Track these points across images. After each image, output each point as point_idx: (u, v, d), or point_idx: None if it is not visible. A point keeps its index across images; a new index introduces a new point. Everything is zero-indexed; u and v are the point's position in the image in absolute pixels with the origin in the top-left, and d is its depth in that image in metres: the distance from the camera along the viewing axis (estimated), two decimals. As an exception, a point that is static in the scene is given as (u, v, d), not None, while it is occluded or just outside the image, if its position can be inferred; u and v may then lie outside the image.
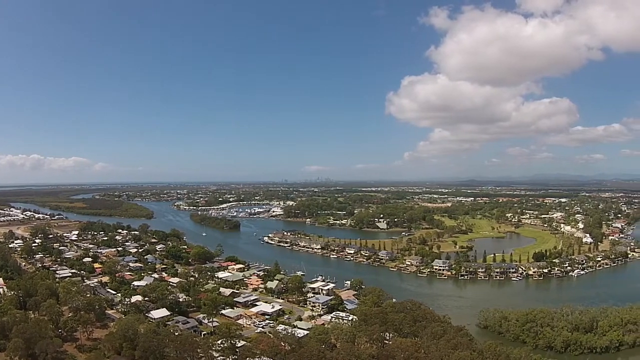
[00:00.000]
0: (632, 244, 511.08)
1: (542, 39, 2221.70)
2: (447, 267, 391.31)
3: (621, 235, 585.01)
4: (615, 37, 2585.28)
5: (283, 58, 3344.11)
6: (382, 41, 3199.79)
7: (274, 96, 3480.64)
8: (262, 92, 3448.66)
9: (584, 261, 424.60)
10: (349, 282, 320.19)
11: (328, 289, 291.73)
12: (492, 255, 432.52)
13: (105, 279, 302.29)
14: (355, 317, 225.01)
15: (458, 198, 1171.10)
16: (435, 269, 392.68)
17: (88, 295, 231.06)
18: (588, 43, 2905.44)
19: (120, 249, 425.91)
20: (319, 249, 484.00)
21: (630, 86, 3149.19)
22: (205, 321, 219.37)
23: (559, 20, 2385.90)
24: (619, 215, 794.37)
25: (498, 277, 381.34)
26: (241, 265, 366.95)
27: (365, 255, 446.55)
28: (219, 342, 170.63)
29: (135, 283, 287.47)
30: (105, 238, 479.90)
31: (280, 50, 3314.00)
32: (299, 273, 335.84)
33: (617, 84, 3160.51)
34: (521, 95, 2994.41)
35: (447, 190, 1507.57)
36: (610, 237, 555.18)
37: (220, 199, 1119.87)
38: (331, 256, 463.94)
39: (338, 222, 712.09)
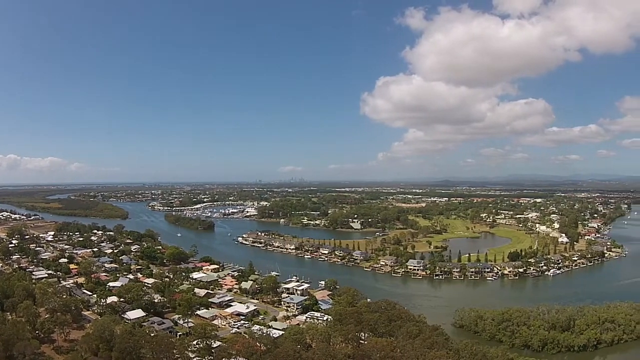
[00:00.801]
0: (608, 243, 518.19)
1: (518, 40, 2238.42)
2: (421, 267, 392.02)
3: (597, 235, 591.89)
4: (592, 38, 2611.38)
5: (257, 57, 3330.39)
6: (358, 41, 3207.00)
7: (248, 96, 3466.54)
8: (235, 92, 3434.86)
9: (560, 261, 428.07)
10: (323, 282, 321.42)
11: (302, 289, 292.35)
12: (467, 255, 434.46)
13: (81, 279, 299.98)
14: (330, 317, 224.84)
15: (432, 198, 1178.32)
16: (410, 268, 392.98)
17: (64, 297, 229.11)
18: (565, 44, 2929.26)
19: (96, 249, 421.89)
20: (293, 249, 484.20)
21: (607, 87, 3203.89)
22: (181, 322, 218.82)
23: (536, 22, 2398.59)
24: (595, 215, 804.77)
25: (473, 276, 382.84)
26: (216, 266, 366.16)
27: (340, 256, 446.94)
28: (195, 342, 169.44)
29: (111, 284, 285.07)
30: (81, 239, 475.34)
31: (254, 50, 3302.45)
32: (274, 273, 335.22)
33: (594, 85, 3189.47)
34: (496, 96, 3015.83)
35: (421, 191, 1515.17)
36: (586, 237, 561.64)
37: (194, 200, 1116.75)
38: (305, 256, 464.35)
39: (312, 222, 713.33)
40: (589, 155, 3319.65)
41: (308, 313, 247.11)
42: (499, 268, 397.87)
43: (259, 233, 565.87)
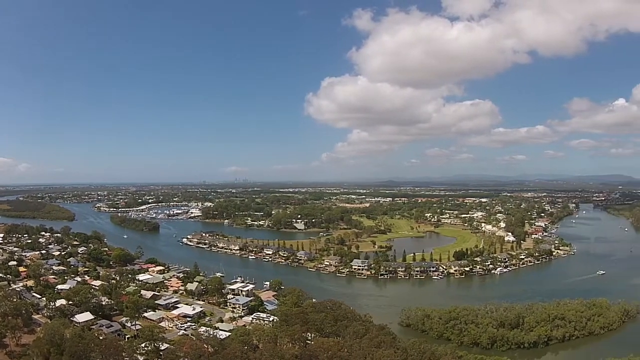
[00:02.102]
0: (556, 242, 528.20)
1: (466, 42, 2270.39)
2: (366, 267, 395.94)
3: (545, 234, 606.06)
4: (543, 41, 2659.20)
5: (201, 57, 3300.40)
6: (304, 42, 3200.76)
7: (191, 95, 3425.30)
8: (179, 92, 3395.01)
9: (507, 259, 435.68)
10: (268, 283, 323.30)
11: (248, 290, 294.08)
12: (412, 254, 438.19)
13: (30, 282, 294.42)
14: (276, 317, 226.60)
15: (376, 198, 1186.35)
16: (355, 268, 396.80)
17: (15, 300, 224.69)
18: (514, 46, 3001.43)
19: (44, 251, 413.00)
20: (237, 250, 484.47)
21: (556, 89, 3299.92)
22: (129, 324, 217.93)
23: (486, 24, 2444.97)
24: (542, 214, 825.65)
25: (418, 276, 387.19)
26: (161, 267, 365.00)
27: (284, 256, 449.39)
28: (143, 345, 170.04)
29: (59, 287, 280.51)
30: (29, 241, 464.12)
31: (197, 49, 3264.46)
32: (218, 274, 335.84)
33: (542, 86, 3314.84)
34: (443, 97, 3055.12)
35: (365, 191, 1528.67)
36: (533, 236, 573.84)
37: (139, 201, 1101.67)
38: (249, 257, 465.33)
39: (256, 223, 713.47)
40: (536, 156, 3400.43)
41: (254, 314, 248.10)
42: (444, 267, 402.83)
43: (204, 234, 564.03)
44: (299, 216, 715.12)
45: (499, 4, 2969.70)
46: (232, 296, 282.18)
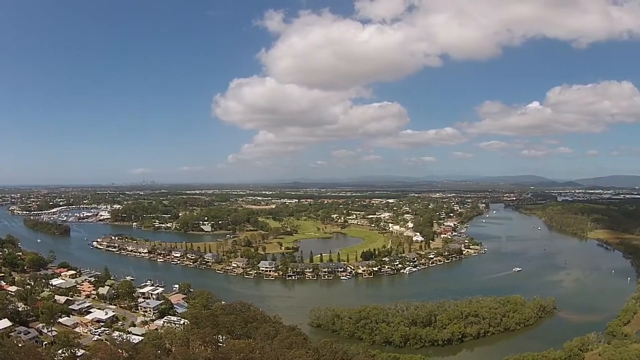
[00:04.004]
0: (466, 241, 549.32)
1: (376, 45, 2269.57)
2: (273, 268, 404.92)
3: (454, 234, 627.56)
4: (455, 44, 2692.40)
5: (104, 57, 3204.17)
6: (213, 42, 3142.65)
7: (95, 96, 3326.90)
8: (82, 93, 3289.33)
9: (416, 259, 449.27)
10: (177, 286, 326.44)
11: (157, 293, 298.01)
12: (319, 255, 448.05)
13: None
14: (186, 320, 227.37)
15: (282, 200, 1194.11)
16: (262, 270, 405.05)
17: None
18: (426, 50, 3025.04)
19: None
20: (146, 253, 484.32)
21: (467, 92, 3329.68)
22: (45, 330, 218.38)
23: (398, 28, 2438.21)
24: (451, 214, 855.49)
25: (326, 276, 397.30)
26: (73, 272, 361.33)
27: (192, 258, 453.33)
28: (60, 351, 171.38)
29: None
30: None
31: (101, 48, 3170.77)
32: (129, 278, 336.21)
33: (453, 89, 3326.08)
34: (350, 99, 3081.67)
35: (271, 192, 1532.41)
36: (442, 235, 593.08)
37: (51, 203, 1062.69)
38: (158, 260, 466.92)
39: (164, 225, 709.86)
40: (445, 157, 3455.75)
41: (165, 317, 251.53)
42: (352, 267, 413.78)
43: (113, 237, 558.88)
44: (206, 218, 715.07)
45: (412, 8, 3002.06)
46: (143, 300, 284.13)
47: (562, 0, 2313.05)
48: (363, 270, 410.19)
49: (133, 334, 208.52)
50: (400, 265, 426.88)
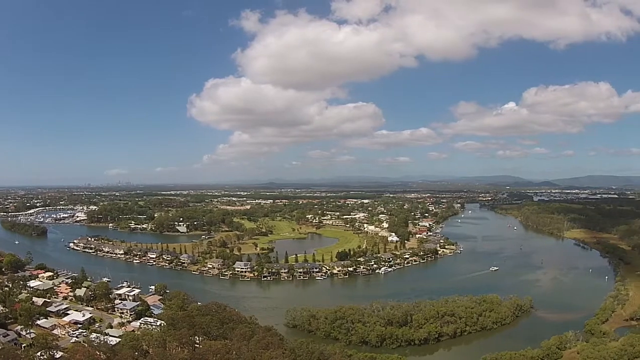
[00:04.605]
0: (441, 241, 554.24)
1: (352, 45, 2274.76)
2: (249, 269, 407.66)
3: (429, 234, 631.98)
4: (431, 45, 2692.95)
5: (80, 57, 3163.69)
6: (189, 42, 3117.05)
7: (70, 96, 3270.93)
8: (57, 93, 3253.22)
9: (391, 259, 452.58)
10: (153, 287, 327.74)
11: (134, 294, 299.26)
12: (295, 255, 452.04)
13: None
14: (163, 322, 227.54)
15: (257, 200, 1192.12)
16: (237, 271, 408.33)
17: None
18: (402, 50, 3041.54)
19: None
20: (122, 254, 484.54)
21: (442, 92, 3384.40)
22: (24, 333, 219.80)
23: (374, 28, 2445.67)
24: (427, 214, 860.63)
25: (302, 277, 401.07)
26: (50, 273, 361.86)
27: (167, 260, 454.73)
28: (39, 354, 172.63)
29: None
30: None
31: (76, 49, 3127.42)
32: (105, 279, 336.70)
33: (428, 90, 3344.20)
34: (325, 100, 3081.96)
35: (246, 193, 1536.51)
36: (417, 235, 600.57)
37: (28, 204, 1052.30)
38: (134, 261, 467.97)
39: (139, 226, 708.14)
40: (420, 158, 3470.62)
41: (142, 319, 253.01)
42: (327, 268, 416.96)
43: (89, 238, 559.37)
44: (181, 219, 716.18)
45: (389, 8, 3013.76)
46: (120, 301, 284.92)
47: (540, 2, 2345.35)
48: (338, 271, 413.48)
49: (110, 336, 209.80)
50: (375, 266, 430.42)
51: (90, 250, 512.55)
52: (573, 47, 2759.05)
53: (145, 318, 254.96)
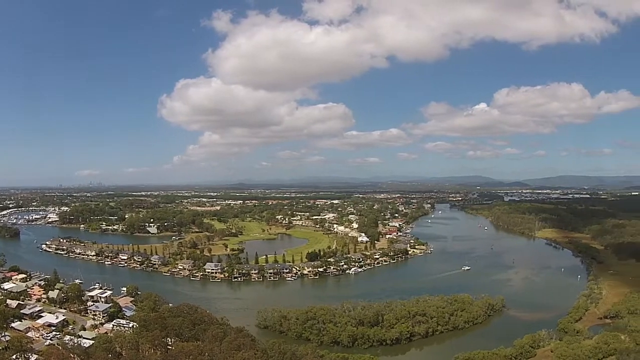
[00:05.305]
0: (412, 241, 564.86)
1: (323, 46, 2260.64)
2: (219, 270, 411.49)
3: (399, 234, 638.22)
4: (402, 46, 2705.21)
5: (49, 56, 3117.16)
6: (161, 42, 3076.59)
7: (40, 97, 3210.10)
8: (26, 93, 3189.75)
9: (361, 259, 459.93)
10: (125, 289, 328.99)
11: (106, 296, 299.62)
12: (265, 256, 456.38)
13: None
14: (135, 323, 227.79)
15: (227, 201, 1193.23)
16: (208, 272, 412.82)
17: None
18: (373, 51, 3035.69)
19: None
20: (93, 255, 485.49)
21: (412, 93, 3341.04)
22: None
23: (345, 29, 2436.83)
24: (397, 214, 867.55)
25: (272, 277, 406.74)
26: (24, 275, 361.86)
27: (139, 261, 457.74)
28: (14, 357, 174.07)
29: None
30: None
31: (46, 48, 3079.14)
32: (77, 281, 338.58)
33: (399, 91, 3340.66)
34: (296, 100, 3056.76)
35: (216, 194, 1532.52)
36: (387, 236, 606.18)
37: (1, 205, 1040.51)
38: (106, 262, 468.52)
39: (111, 227, 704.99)
40: (390, 158, 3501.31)
41: (114, 320, 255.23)
42: (298, 268, 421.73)
43: (61, 240, 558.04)
44: (152, 220, 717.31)
45: (360, 9, 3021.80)
46: (92, 303, 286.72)
47: (514, 3, 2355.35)
48: (309, 271, 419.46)
49: (84, 338, 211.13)
50: (345, 266, 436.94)
51: (62, 252, 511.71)
52: (546, 48, 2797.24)
53: (118, 320, 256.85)
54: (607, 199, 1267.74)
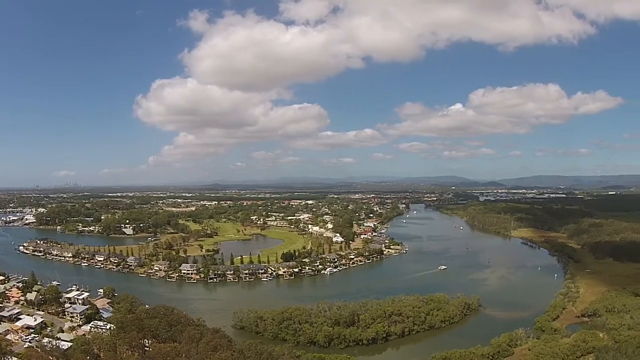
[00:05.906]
0: (387, 241, 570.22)
1: (299, 46, 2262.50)
2: (195, 271, 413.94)
3: (374, 234, 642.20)
4: (378, 46, 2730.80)
5: (25, 55, 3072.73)
6: (137, 42, 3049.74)
7: (14, 96, 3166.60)
8: (0, 92, 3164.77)
9: (336, 259, 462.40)
10: (102, 290, 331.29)
11: (83, 298, 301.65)
12: (240, 257, 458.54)
13: None
14: (112, 325, 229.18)
15: (202, 202, 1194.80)
16: (184, 273, 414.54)
17: None
18: (349, 52, 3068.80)
19: None
20: (70, 257, 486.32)
21: (388, 94, 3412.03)
22: None
23: (321, 29, 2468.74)
24: (371, 215, 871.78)
25: (248, 278, 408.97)
26: (2, 277, 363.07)
27: (115, 262, 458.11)
28: None
29: None
30: None
31: (21, 47, 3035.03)
32: (55, 283, 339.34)
33: (374, 91, 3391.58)
34: (271, 101, 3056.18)
35: (191, 195, 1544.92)
36: (362, 236, 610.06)
37: None
38: (82, 264, 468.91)
39: (87, 228, 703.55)
40: (364, 159, 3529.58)
41: (91, 322, 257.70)
42: (273, 269, 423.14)
43: (38, 241, 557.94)
44: (127, 221, 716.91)
45: (337, 10, 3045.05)
46: (69, 305, 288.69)
47: (491, 5, 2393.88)
48: (284, 272, 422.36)
49: (62, 340, 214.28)
50: (320, 266, 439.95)
51: (39, 254, 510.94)
52: (522, 49, 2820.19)
53: (95, 322, 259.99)
54: (583, 198, 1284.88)
